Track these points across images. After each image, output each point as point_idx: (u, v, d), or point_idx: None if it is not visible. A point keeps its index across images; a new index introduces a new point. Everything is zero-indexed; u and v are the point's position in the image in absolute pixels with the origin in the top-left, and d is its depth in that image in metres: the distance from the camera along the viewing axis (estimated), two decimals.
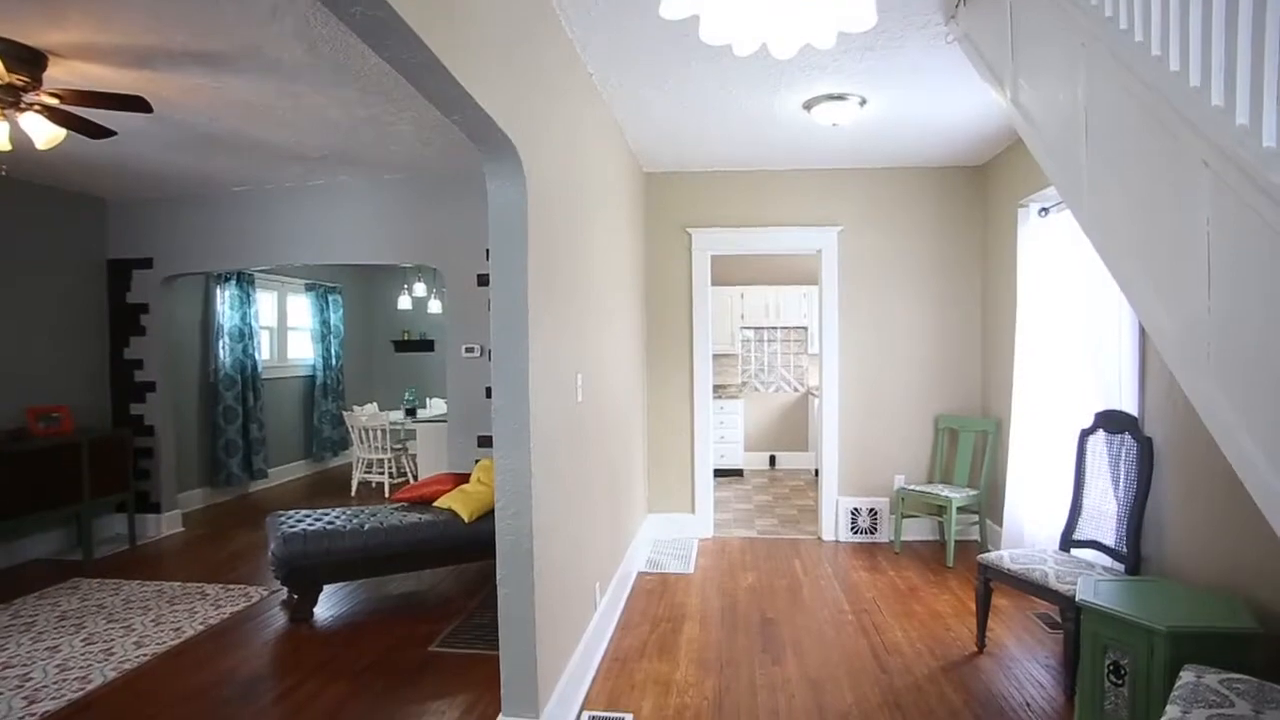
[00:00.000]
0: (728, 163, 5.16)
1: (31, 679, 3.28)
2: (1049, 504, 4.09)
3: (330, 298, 8.70)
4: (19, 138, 3.82)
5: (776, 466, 8.37)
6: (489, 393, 5.06)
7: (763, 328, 8.36)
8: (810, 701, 2.96)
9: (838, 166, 5.24)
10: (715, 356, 7.99)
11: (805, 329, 8.24)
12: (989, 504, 4.95)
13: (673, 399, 5.45)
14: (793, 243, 5.37)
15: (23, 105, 3.04)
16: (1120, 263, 1.82)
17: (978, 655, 3.37)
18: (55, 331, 5.39)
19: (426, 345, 9.60)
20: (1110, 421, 3.36)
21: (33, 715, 2.96)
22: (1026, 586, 3.15)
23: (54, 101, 3.12)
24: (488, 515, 4.15)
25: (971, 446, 5.04)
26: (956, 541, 4.92)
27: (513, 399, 2.46)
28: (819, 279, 5.37)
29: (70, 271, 5.51)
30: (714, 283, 5.62)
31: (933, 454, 5.26)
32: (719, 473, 7.59)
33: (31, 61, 2.95)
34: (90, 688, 3.18)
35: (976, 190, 5.18)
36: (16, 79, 2.93)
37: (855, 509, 5.31)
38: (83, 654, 3.52)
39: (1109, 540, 3.27)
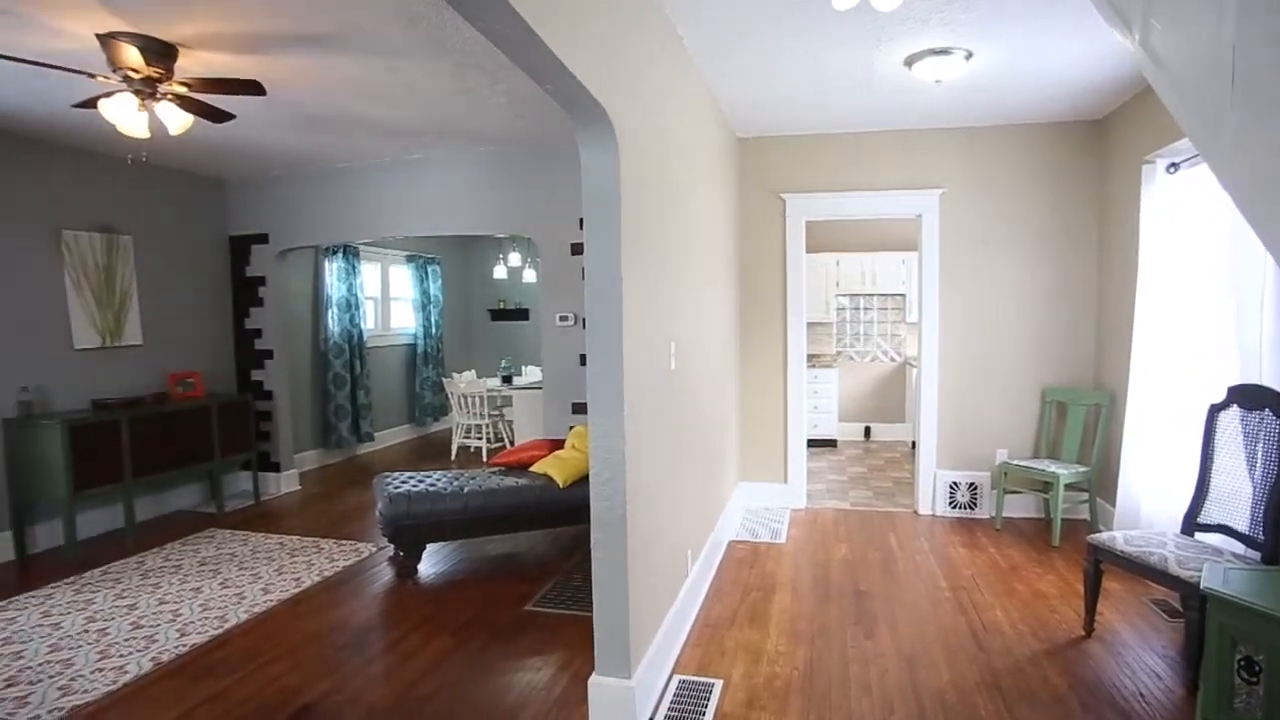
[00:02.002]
0: (823, 125, 4.99)
1: (181, 614, 3.65)
2: (1169, 484, 3.83)
3: (430, 268, 9.02)
4: (154, 125, 4.12)
5: (871, 438, 8.18)
6: (583, 360, 5.16)
7: (859, 295, 8.12)
8: (904, 677, 2.91)
9: (940, 126, 4.98)
10: (809, 325, 7.82)
11: (903, 296, 7.95)
12: (1100, 482, 4.68)
13: (766, 367, 5.39)
14: (891, 207, 5.16)
15: (158, 95, 3.26)
16: (1269, 223, 1.66)
17: (1085, 639, 3.21)
18: (188, 303, 5.84)
19: (522, 314, 9.84)
20: (1247, 397, 3.09)
21: (184, 646, 3.30)
22: (1142, 570, 2.97)
23: (184, 90, 3.34)
24: (582, 481, 4.25)
25: (1082, 420, 4.76)
26: (1063, 520, 4.68)
27: (607, 366, 2.50)
28: (919, 244, 5.15)
29: (198, 248, 5.94)
30: (809, 249, 5.49)
31: (1039, 427, 5.01)
32: (812, 443, 7.48)
33: (165, 54, 3.16)
34: (227, 626, 3.49)
35: (1093, 147, 4.81)
36: (154, 71, 3.15)
37: (954, 483, 5.13)
38: (220, 596, 3.86)
39: (1241, 525, 3.03)
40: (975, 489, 5.09)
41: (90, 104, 3.39)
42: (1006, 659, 3.05)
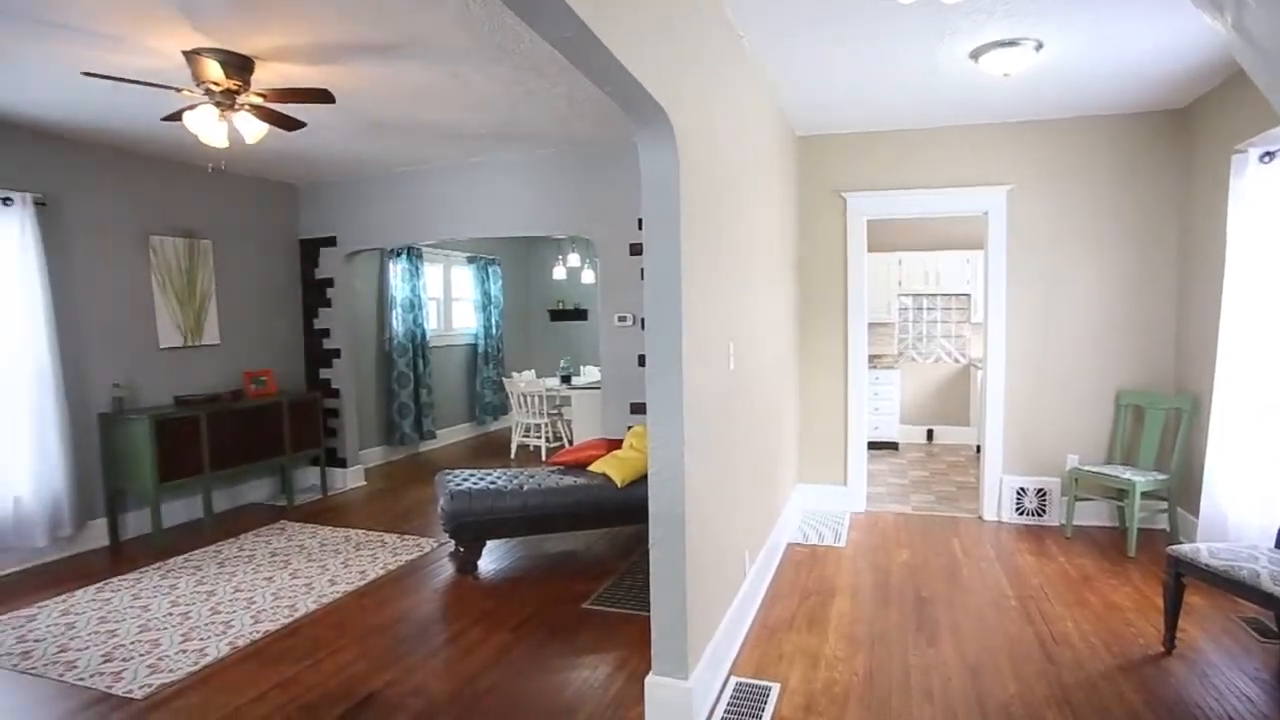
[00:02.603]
0: (884, 122, 4.89)
1: (255, 602, 3.81)
2: (1262, 494, 3.62)
3: (490, 269, 9.19)
4: (232, 135, 4.32)
5: (934, 441, 7.97)
6: (641, 361, 5.18)
7: (921, 295, 7.93)
8: (968, 687, 2.83)
9: (1007, 120, 4.82)
10: (870, 325, 7.64)
11: (968, 296, 7.72)
12: (1181, 490, 4.45)
13: (826, 368, 5.31)
14: (956, 204, 5.02)
15: (236, 106, 3.41)
16: None
17: (1165, 656, 3.06)
18: (261, 304, 6.10)
19: (580, 314, 9.94)
20: None
21: (258, 632, 3.44)
22: (1230, 586, 2.81)
23: (259, 100, 3.48)
24: (640, 480, 4.27)
25: (1160, 425, 4.54)
26: (1139, 529, 4.48)
27: (666, 366, 2.50)
28: (984, 242, 4.99)
29: (271, 251, 6.19)
30: (870, 249, 5.38)
31: (1113, 432, 4.80)
32: (873, 445, 7.33)
33: (243, 67, 3.31)
34: (297, 615, 3.63)
35: (1175, 137, 4.58)
36: (232, 84, 3.30)
37: (1021, 489, 4.96)
38: (290, 586, 4.02)
39: None
40: (1044, 495, 4.91)
41: (176, 117, 3.57)
42: (1078, 673, 2.93)
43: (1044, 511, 4.92)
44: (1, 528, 4.28)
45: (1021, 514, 4.97)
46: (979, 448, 5.45)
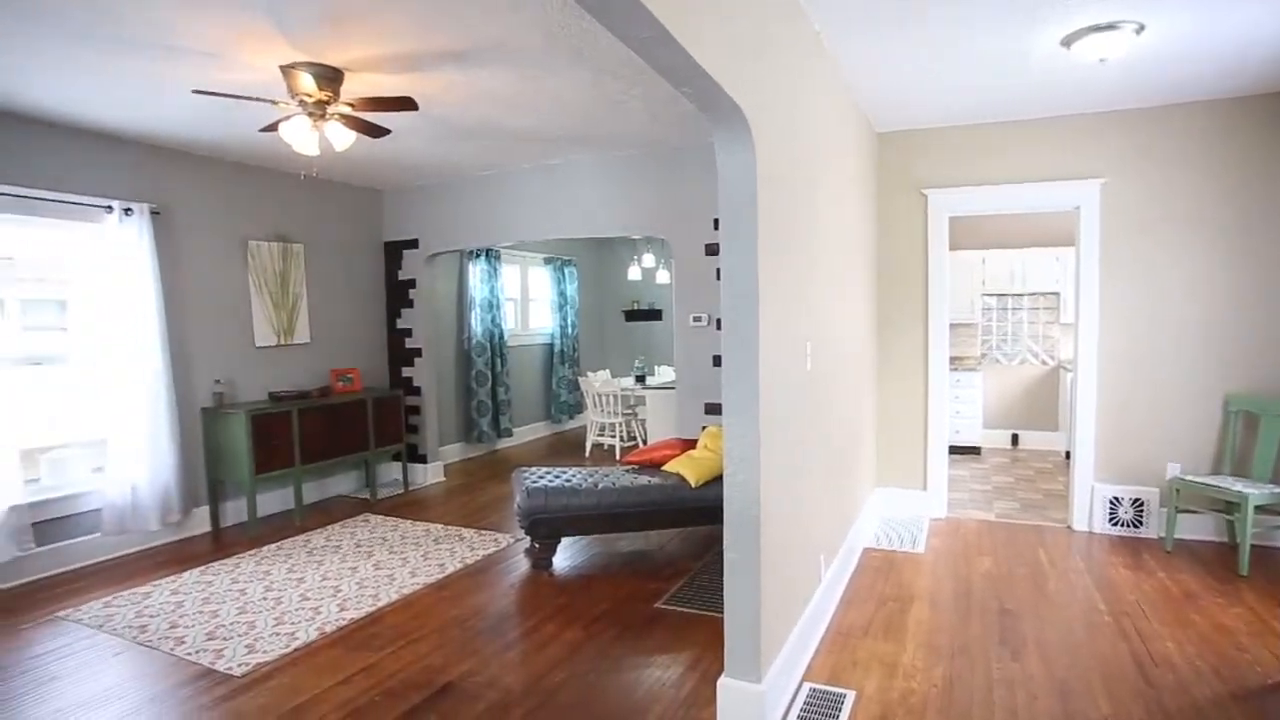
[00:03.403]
0: (967, 116, 4.72)
1: (341, 591, 3.98)
2: None
3: (566, 270, 9.32)
4: (322, 143, 4.53)
5: (1019, 446, 7.64)
6: (716, 361, 5.16)
7: (1007, 295, 7.62)
8: (1055, 706, 2.71)
9: (1101, 109, 4.57)
10: (952, 326, 7.40)
11: (1057, 295, 7.37)
12: None
13: (905, 370, 5.17)
14: (1044, 199, 4.80)
15: (327, 116, 3.58)
16: None
17: None
18: (348, 304, 6.37)
19: (655, 314, 9.98)
20: None
21: (343, 619, 3.60)
22: None
23: (348, 110, 3.64)
24: (714, 481, 4.26)
25: (1277, 434, 4.23)
26: (1253, 546, 4.18)
27: (742, 367, 2.49)
28: (1076, 238, 4.76)
29: (357, 253, 6.46)
30: (952, 247, 5.21)
31: (1220, 441, 4.49)
32: (954, 449, 7.09)
33: (333, 78, 3.46)
34: (380, 605, 3.77)
35: None
36: (324, 95, 3.46)
37: (1115, 498, 4.70)
38: (373, 577, 4.18)
39: None
40: (1141, 505, 4.64)
41: (273, 128, 3.77)
42: (1181, 698, 2.76)
43: (1140, 523, 4.65)
44: (122, 512, 4.62)
45: (1115, 525, 4.71)
46: (1068, 454, 5.21)
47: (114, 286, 4.58)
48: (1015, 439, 7.67)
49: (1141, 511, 4.64)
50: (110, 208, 4.56)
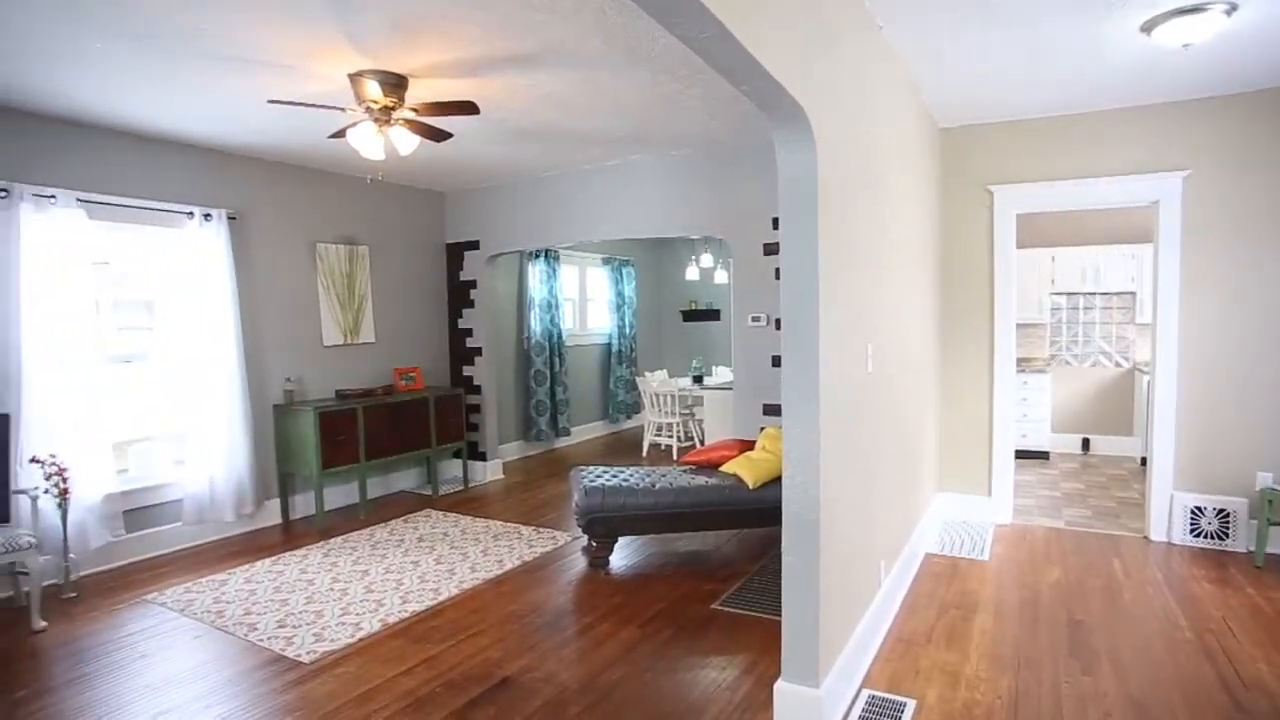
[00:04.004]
0: (1037, 109, 4.56)
1: (403, 584, 4.08)
2: None
3: (624, 270, 9.37)
4: (387, 148, 4.66)
5: (1090, 451, 7.34)
6: (775, 361, 5.11)
7: (1077, 294, 7.33)
8: None
9: (1184, 98, 4.35)
10: (1019, 326, 7.17)
11: (1133, 294, 7.05)
12: None
13: (969, 372, 5.03)
14: (1119, 195, 4.60)
15: (391, 121, 3.68)
16: None
17: None
18: (411, 305, 6.54)
19: (713, 315, 9.95)
20: None
21: (405, 612, 3.70)
22: None
23: (412, 115, 3.73)
24: (772, 483, 4.23)
25: None
26: None
27: (802, 368, 2.46)
28: (1154, 235, 4.55)
29: (420, 255, 6.63)
30: (1019, 245, 5.04)
31: None
32: (1020, 454, 6.86)
33: (398, 85, 3.56)
34: (440, 599, 3.86)
35: None
36: (389, 101, 3.56)
37: (1197, 508, 4.47)
38: (434, 571, 4.28)
39: None
40: (1227, 517, 4.40)
41: (340, 134, 3.90)
42: None
43: (1226, 535, 4.41)
44: (200, 503, 4.86)
45: (1197, 536, 4.48)
46: (1144, 460, 4.98)
47: (195, 288, 4.82)
48: (1086, 444, 7.37)
49: (1227, 523, 4.40)
50: (192, 213, 4.79)
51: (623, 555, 4.53)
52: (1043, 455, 7.04)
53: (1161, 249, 4.50)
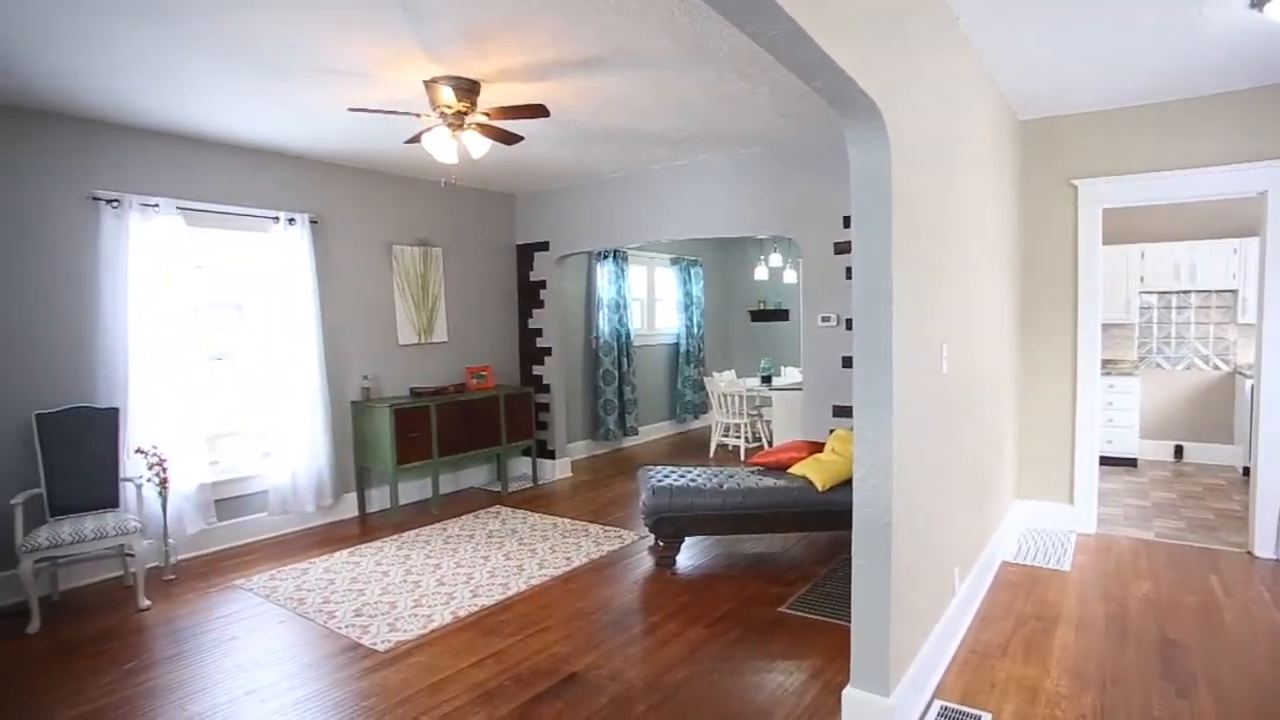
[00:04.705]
0: (1126, 97, 4.33)
1: (473, 578, 4.18)
2: None
3: (692, 270, 9.36)
4: (460, 152, 4.79)
5: (1184, 459, 6.93)
6: (845, 362, 5.02)
7: (1170, 292, 6.93)
8: None
9: None
10: (1105, 327, 6.86)
11: (1233, 293, 6.62)
12: None
13: (1050, 373, 4.82)
14: (1220, 185, 4.31)
15: (465, 126, 3.78)
16: None
17: None
18: (482, 305, 6.69)
19: (781, 314, 9.84)
20: None
21: (476, 605, 3.78)
22: None
23: (484, 119, 3.82)
24: (841, 485, 4.15)
25: None
26: None
27: (874, 369, 2.41)
28: (1261, 228, 4.26)
29: (491, 256, 6.77)
30: (1105, 240, 4.80)
31: None
32: (1105, 460, 6.55)
33: (471, 90, 3.65)
34: (509, 593, 3.94)
35: None
36: (462, 106, 3.65)
37: None
38: (504, 566, 4.36)
39: None
40: None
41: (416, 139, 4.02)
42: None
43: None
44: (284, 494, 5.09)
45: None
46: (1247, 470, 4.66)
47: (279, 290, 5.05)
48: (1179, 451, 6.96)
49: None
50: (277, 218, 5.03)
51: (689, 555, 4.52)
52: (1130, 462, 6.69)
53: (1270, 243, 4.20)
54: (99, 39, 3.05)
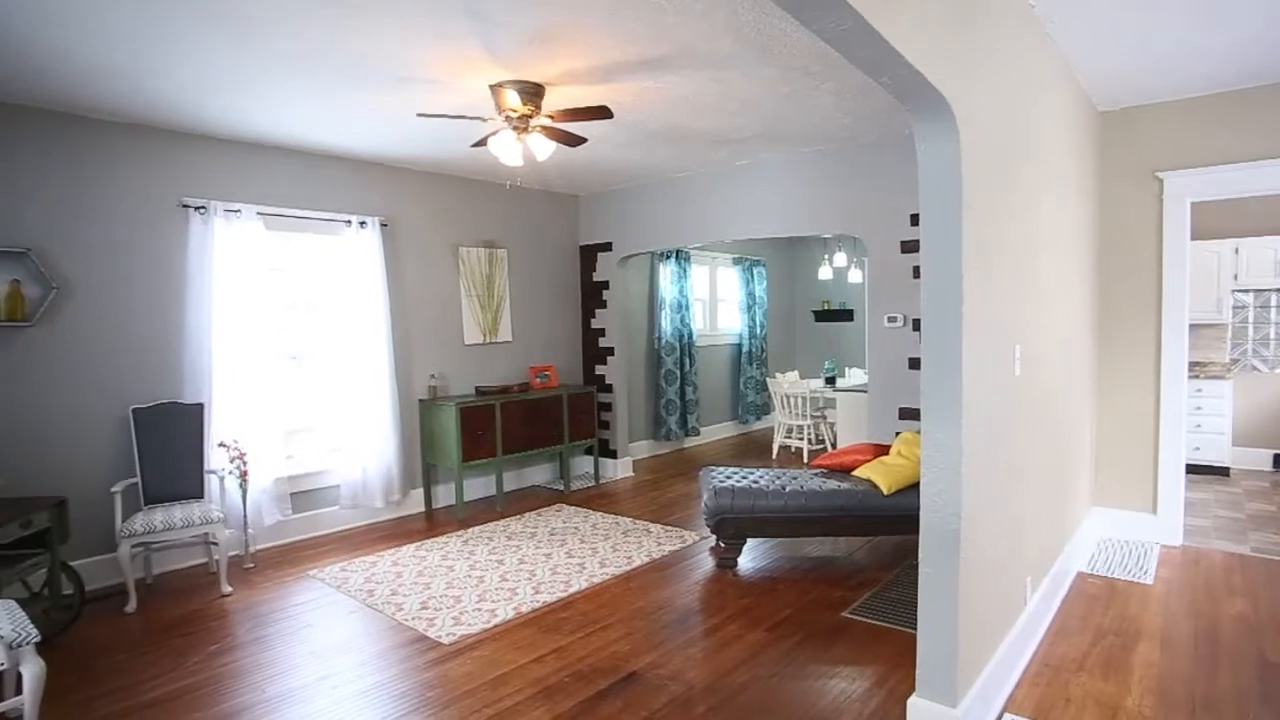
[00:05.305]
0: (1217, 83, 4.08)
1: (536, 575, 4.25)
2: None
3: (755, 270, 9.28)
4: (525, 154, 4.87)
5: None
6: (912, 363, 4.90)
7: (1267, 290, 6.51)
8: None
9: None
10: (1192, 327, 6.49)
11: None
12: None
13: (1131, 376, 4.59)
14: None
15: (529, 129, 3.84)
16: None
17: None
18: (546, 305, 6.78)
19: (846, 315, 9.66)
20: None
21: (538, 602, 3.84)
22: None
23: (548, 122, 3.88)
24: (907, 489, 4.06)
25: None
26: None
27: (943, 370, 2.35)
28: None
29: (555, 257, 6.86)
30: (1193, 235, 4.53)
31: None
32: (1193, 469, 6.20)
33: (535, 93, 3.71)
34: (570, 591, 3.98)
35: None
36: (527, 109, 3.71)
37: None
38: (565, 564, 4.42)
39: None
40: None
41: (482, 143, 4.11)
42: None
43: None
44: (354, 489, 5.28)
45: None
46: None
47: (351, 291, 5.24)
48: (1278, 460, 6.54)
49: None
50: (349, 221, 5.21)
51: (751, 557, 4.49)
52: (1221, 471, 6.32)
53: None
54: (197, 57, 3.24)
